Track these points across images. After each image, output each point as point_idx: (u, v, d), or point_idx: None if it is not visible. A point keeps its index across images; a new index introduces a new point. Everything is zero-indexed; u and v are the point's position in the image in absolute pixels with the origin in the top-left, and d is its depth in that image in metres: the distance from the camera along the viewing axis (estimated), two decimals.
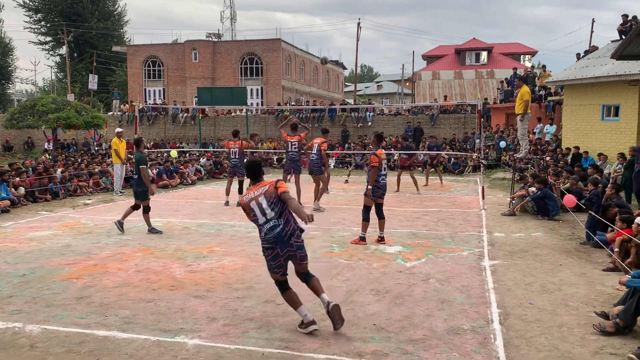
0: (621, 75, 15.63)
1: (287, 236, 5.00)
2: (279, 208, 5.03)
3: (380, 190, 8.68)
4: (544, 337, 4.89)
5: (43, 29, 54.00)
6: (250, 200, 5.08)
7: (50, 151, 24.12)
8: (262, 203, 5.04)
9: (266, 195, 5.05)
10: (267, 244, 5.04)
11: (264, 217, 5.03)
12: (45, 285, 6.49)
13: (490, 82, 38.08)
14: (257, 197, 5.07)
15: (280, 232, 4.98)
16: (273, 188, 5.08)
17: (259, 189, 5.13)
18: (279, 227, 5.00)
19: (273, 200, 5.03)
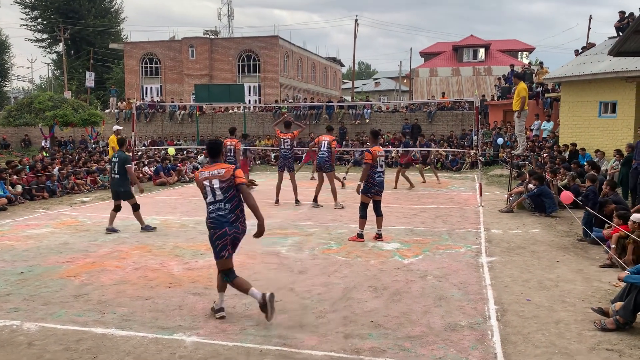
0: (618, 71, 15.66)
1: (231, 220, 5.21)
2: (230, 194, 5.22)
3: (376, 187, 8.67)
4: (541, 334, 4.90)
5: (39, 26, 53.84)
6: (205, 179, 5.28)
7: (48, 149, 24.06)
8: (214, 185, 5.23)
9: (220, 179, 5.23)
10: (212, 223, 5.23)
11: (213, 197, 5.23)
12: (43, 283, 6.49)
13: (488, 79, 38.10)
14: (211, 177, 5.26)
15: (224, 215, 5.20)
16: (230, 175, 5.25)
17: (215, 169, 5.30)
18: (224, 211, 5.21)
19: (226, 186, 5.22)
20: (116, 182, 9.54)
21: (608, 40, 18.50)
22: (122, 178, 9.44)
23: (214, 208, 5.22)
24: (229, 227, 5.20)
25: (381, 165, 8.71)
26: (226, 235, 5.20)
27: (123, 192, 9.49)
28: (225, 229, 5.19)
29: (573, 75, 17.73)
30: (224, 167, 5.31)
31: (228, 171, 5.27)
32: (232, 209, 5.23)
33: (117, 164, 9.46)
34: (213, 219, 5.23)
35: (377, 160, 8.59)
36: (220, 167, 5.32)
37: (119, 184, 9.47)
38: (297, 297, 5.94)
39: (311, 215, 11.31)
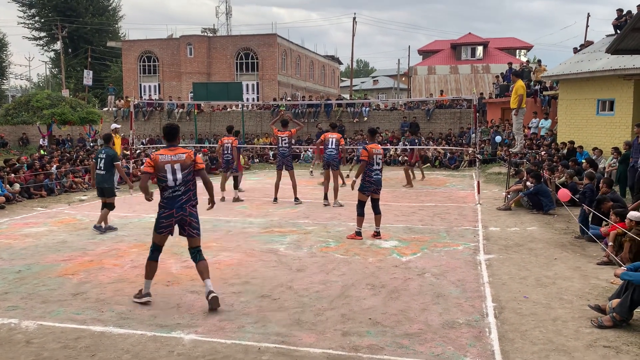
0: (616, 69, 15.67)
1: (182, 202, 5.55)
2: (187, 179, 5.58)
3: (373, 185, 8.68)
4: (539, 331, 4.92)
5: (37, 24, 53.75)
6: (167, 162, 5.54)
7: (46, 147, 24.03)
8: (176, 169, 5.53)
9: (182, 164, 5.55)
10: (165, 203, 5.56)
11: (174, 182, 5.54)
12: (41, 282, 6.49)
13: (486, 76, 38.10)
14: (173, 161, 5.55)
15: (178, 198, 5.54)
16: (191, 161, 5.60)
17: (176, 154, 5.59)
18: (180, 193, 5.56)
19: (187, 172, 5.57)
20: (101, 178, 9.40)
21: (606, 38, 18.51)
22: (107, 174, 9.35)
23: (171, 191, 5.54)
24: (177, 210, 5.53)
25: (378, 163, 8.70)
26: (172, 217, 5.55)
27: (107, 188, 9.38)
28: (173, 211, 5.53)
29: (571, 73, 17.73)
30: (183, 152, 5.62)
31: (189, 156, 5.60)
32: (185, 191, 5.57)
33: (103, 160, 9.37)
34: (167, 199, 5.55)
35: (373, 157, 8.60)
36: (179, 152, 5.61)
37: (103, 180, 9.36)
38: (296, 294, 5.95)
39: (309, 213, 11.32)
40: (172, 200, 5.55)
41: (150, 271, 5.72)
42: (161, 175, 5.54)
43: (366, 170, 8.62)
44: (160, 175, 5.54)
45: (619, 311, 4.92)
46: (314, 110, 29.30)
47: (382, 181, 8.88)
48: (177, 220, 5.57)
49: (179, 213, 5.53)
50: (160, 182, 5.57)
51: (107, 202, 9.47)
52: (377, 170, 8.69)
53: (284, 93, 41.50)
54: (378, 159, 8.70)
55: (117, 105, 33.17)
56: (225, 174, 13.56)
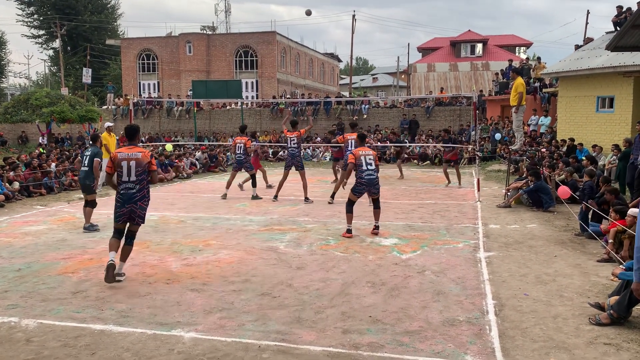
0: (616, 66, 15.66)
1: (136, 199, 6.18)
2: (141, 177, 6.19)
3: (365, 186, 8.64)
4: (539, 328, 4.92)
5: (36, 22, 53.67)
6: (123, 159, 6.19)
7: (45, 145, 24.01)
8: (131, 166, 6.15)
9: (138, 163, 6.17)
10: (120, 198, 6.20)
11: (128, 177, 6.16)
12: (41, 280, 6.48)
13: (486, 74, 38.06)
14: (130, 159, 6.18)
15: (132, 195, 6.17)
16: (147, 162, 6.21)
17: (133, 152, 6.22)
18: (133, 190, 6.17)
19: (141, 170, 6.18)
20: (84, 175, 9.55)
21: (605, 35, 18.50)
22: (90, 171, 9.47)
23: (125, 187, 6.17)
24: (129, 204, 6.18)
25: (369, 163, 8.63)
26: (124, 211, 6.20)
27: (88, 185, 9.48)
28: (125, 208, 6.18)
29: (570, 70, 17.72)
30: (140, 151, 6.24)
31: (145, 157, 6.20)
32: (139, 189, 6.19)
33: (87, 157, 9.59)
34: (122, 195, 6.18)
35: (360, 159, 8.61)
36: (137, 150, 6.24)
37: (86, 177, 9.49)
38: (296, 292, 5.95)
39: (309, 211, 11.32)
40: (126, 197, 6.17)
41: (112, 246, 6.33)
42: (118, 171, 6.18)
43: (357, 172, 8.65)
44: (117, 170, 6.19)
45: (617, 309, 4.92)
46: (314, 107, 29.28)
47: (377, 181, 8.78)
48: (128, 212, 6.20)
49: (129, 207, 6.19)
50: (118, 177, 6.19)
51: (89, 200, 9.49)
52: (369, 170, 8.61)
53: (284, 91, 41.46)
54: (369, 160, 8.64)
55: (117, 103, 33.14)
56: (234, 172, 13.55)
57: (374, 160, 8.74)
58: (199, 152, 21.71)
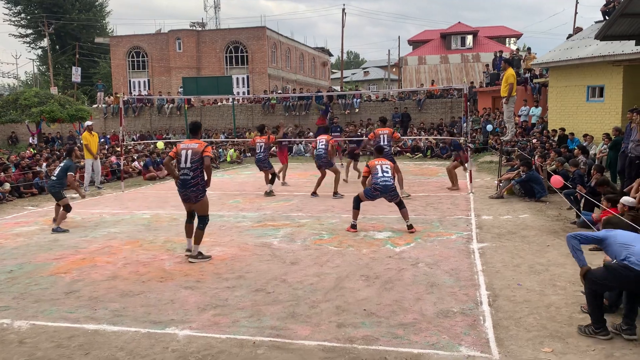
0: (605, 55, 15.71)
1: (190, 185, 6.89)
2: (195, 165, 6.86)
3: (378, 192, 8.54)
4: (533, 317, 4.94)
5: (23, 21, 53.09)
6: (183, 149, 6.99)
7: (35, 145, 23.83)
8: (188, 154, 6.89)
9: (193, 151, 6.89)
10: (179, 183, 6.99)
11: (184, 164, 6.89)
12: (33, 281, 6.44)
13: (476, 65, 38.11)
14: (188, 148, 6.94)
15: (187, 181, 6.89)
16: (201, 150, 6.87)
17: (192, 143, 7.02)
18: (188, 177, 6.88)
19: (195, 158, 6.86)
20: (51, 184, 9.95)
21: (595, 25, 18.54)
22: (57, 181, 9.72)
23: (181, 173, 6.92)
24: (183, 189, 6.95)
25: (385, 171, 8.55)
26: (181, 194, 7.06)
27: (55, 192, 9.71)
28: (181, 191, 7.01)
29: (560, 60, 17.76)
30: (197, 142, 6.98)
31: (201, 146, 6.90)
32: (194, 176, 6.85)
33: (59, 169, 9.84)
34: (180, 180, 6.95)
35: (376, 168, 8.60)
36: (195, 142, 7.00)
37: (52, 186, 9.78)
38: (290, 287, 5.94)
39: (302, 206, 11.31)
40: (182, 182, 6.93)
41: (186, 231, 7.35)
42: (177, 158, 6.98)
43: (372, 179, 8.62)
44: (177, 158, 6.99)
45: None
46: (305, 102, 29.22)
47: (394, 187, 8.63)
48: (184, 197, 7.06)
49: (184, 192, 6.98)
50: (177, 163, 7.02)
51: (62, 204, 9.59)
52: (384, 177, 8.53)
53: (275, 86, 41.35)
54: (385, 168, 8.62)
55: (107, 101, 32.92)
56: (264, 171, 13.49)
57: (390, 170, 8.71)
58: None
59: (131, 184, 16.21)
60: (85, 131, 15.31)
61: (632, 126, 10.83)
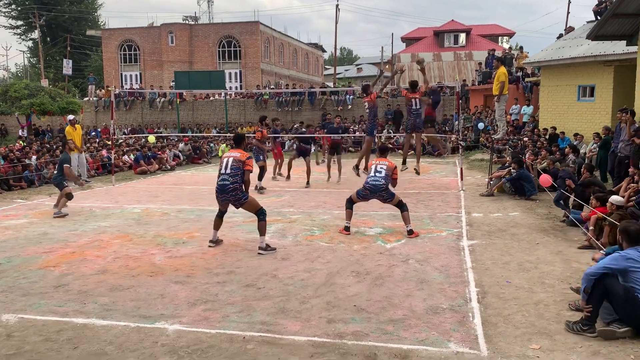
0: (597, 55, 15.82)
1: (229, 190, 7.10)
2: (234, 172, 7.10)
3: (368, 191, 8.22)
4: (521, 315, 4.98)
5: (14, 12, 52.55)
6: (225, 157, 7.33)
7: (25, 138, 23.64)
8: (229, 162, 7.16)
9: (234, 160, 7.16)
10: (217, 188, 7.25)
11: (224, 170, 7.15)
12: (22, 274, 6.40)
13: (469, 63, 38.21)
14: (229, 156, 7.25)
15: (226, 186, 7.11)
16: (242, 161, 7.14)
17: (234, 152, 7.30)
18: (227, 182, 7.10)
19: (235, 167, 7.12)
20: (54, 177, 10.85)
21: (586, 25, 18.66)
22: (58, 174, 10.51)
23: (221, 179, 7.15)
24: (222, 194, 7.18)
25: (378, 171, 8.17)
26: (219, 198, 7.32)
27: (57, 184, 10.50)
28: (220, 196, 7.25)
29: (552, 59, 17.86)
30: (239, 152, 7.29)
31: (243, 156, 7.19)
32: (232, 182, 7.07)
33: (58, 163, 10.71)
34: (219, 185, 7.21)
35: (371, 168, 8.35)
36: (237, 152, 7.32)
37: (55, 178, 10.64)
38: (281, 283, 5.94)
39: (294, 202, 11.30)
40: (220, 187, 7.17)
41: (214, 224, 7.65)
42: (220, 165, 7.28)
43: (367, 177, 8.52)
44: (220, 165, 7.29)
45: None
46: (298, 98, 29.18)
47: (384, 187, 8.13)
48: (222, 200, 7.32)
49: (223, 196, 7.19)
50: (219, 170, 7.27)
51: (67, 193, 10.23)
52: (375, 177, 8.20)
53: (267, 81, 41.24)
54: (379, 168, 8.25)
55: (98, 94, 32.72)
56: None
57: (385, 170, 8.22)
58: (182, 143, 21.54)
59: (122, 177, 16.14)
60: (68, 125, 15.19)
61: (622, 126, 10.93)
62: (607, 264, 4.62)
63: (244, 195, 7.12)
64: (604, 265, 4.63)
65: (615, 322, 4.55)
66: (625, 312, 4.48)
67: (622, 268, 4.56)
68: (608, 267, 4.60)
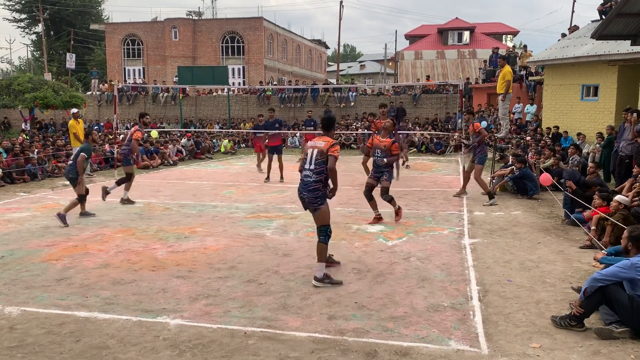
0: (601, 55, 15.76)
1: (310, 188, 5.84)
2: (320, 168, 5.83)
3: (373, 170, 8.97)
4: (522, 313, 4.98)
5: (17, 5, 52.53)
6: (310, 147, 5.99)
7: (28, 131, 23.67)
8: (313, 154, 5.88)
9: (319, 150, 5.86)
10: (300, 186, 5.99)
11: (309, 165, 5.89)
12: (24, 267, 6.42)
13: (473, 62, 38.16)
14: (315, 146, 5.93)
15: (308, 183, 5.85)
16: (327, 148, 5.81)
17: (320, 141, 5.96)
18: (310, 179, 5.85)
19: (320, 159, 5.82)
20: (68, 168, 9.56)
21: (591, 24, 18.59)
22: (73, 165, 9.37)
23: (304, 174, 5.93)
24: (302, 191, 5.91)
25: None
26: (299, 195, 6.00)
27: (71, 178, 9.35)
28: (301, 194, 5.96)
29: (556, 58, 17.81)
30: (325, 140, 5.93)
31: (327, 144, 5.86)
32: (316, 180, 5.82)
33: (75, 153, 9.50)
34: (301, 182, 5.97)
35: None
36: (324, 140, 5.96)
37: (69, 170, 9.45)
38: (282, 279, 5.96)
39: (296, 198, 11.28)
40: (303, 183, 5.94)
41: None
42: (304, 157, 6.03)
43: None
44: (303, 157, 6.06)
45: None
46: (301, 94, 29.16)
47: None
48: (300, 197, 5.97)
49: (302, 193, 5.93)
50: (302, 164, 6.02)
51: (76, 192, 9.31)
52: (377, 156, 8.86)
53: (270, 77, 41.24)
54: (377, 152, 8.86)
55: (101, 89, 32.71)
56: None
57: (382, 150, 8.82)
58: (185, 138, 21.54)
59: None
60: (71, 119, 15.21)
61: (626, 125, 10.91)
62: (618, 273, 4.56)
63: (321, 200, 5.85)
64: (614, 273, 4.57)
65: (615, 322, 4.56)
66: (632, 320, 4.46)
67: (632, 277, 4.52)
68: (618, 276, 4.56)
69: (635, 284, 4.53)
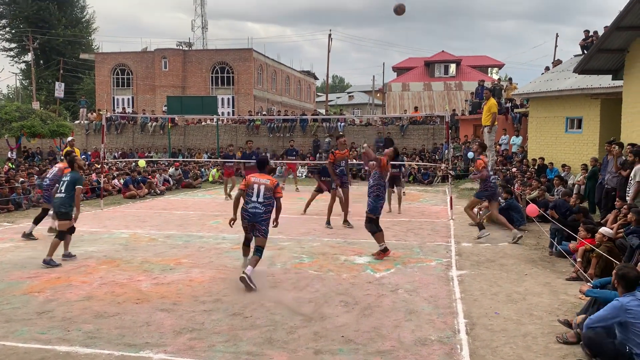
0: (584, 88, 16.10)
1: (262, 219, 6.91)
2: (266, 200, 6.92)
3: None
4: (509, 347, 4.95)
5: (8, 35, 52.74)
6: (255, 183, 7.01)
7: (14, 160, 23.49)
8: (260, 189, 6.94)
9: (266, 188, 6.96)
10: (245, 214, 6.94)
11: (256, 197, 6.91)
12: (5, 300, 6.29)
13: (459, 93, 38.74)
14: (260, 183, 6.99)
15: (258, 214, 6.89)
16: (273, 188, 6.98)
17: (264, 178, 7.07)
18: (260, 210, 6.89)
19: (267, 195, 6.93)
20: (59, 202, 8.33)
21: (574, 58, 19.04)
22: (66, 198, 8.33)
23: (251, 206, 6.90)
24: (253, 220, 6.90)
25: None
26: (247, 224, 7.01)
27: (64, 212, 8.29)
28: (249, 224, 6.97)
29: (541, 91, 18.16)
30: (269, 178, 7.09)
31: (272, 183, 7.02)
32: (264, 211, 6.92)
33: (66, 183, 8.38)
34: (246, 212, 6.92)
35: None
36: (266, 177, 7.10)
37: (61, 204, 8.31)
38: (268, 312, 5.88)
39: (283, 229, 11.23)
40: (251, 214, 6.89)
41: (243, 251, 7.47)
42: (249, 191, 6.99)
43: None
44: (247, 190, 7.01)
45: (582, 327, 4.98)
46: (290, 124, 29.33)
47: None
48: (250, 226, 7.00)
49: (252, 223, 6.94)
50: (247, 196, 6.96)
51: (60, 228, 8.30)
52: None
53: (260, 107, 41.48)
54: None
55: (89, 118, 32.67)
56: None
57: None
58: (173, 168, 21.49)
59: (110, 202, 16.03)
60: (66, 147, 15.15)
61: (609, 158, 11.07)
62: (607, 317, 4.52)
63: (268, 228, 7.03)
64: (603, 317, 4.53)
65: None
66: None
67: (623, 321, 4.43)
68: (607, 320, 4.52)
69: (626, 328, 4.42)
